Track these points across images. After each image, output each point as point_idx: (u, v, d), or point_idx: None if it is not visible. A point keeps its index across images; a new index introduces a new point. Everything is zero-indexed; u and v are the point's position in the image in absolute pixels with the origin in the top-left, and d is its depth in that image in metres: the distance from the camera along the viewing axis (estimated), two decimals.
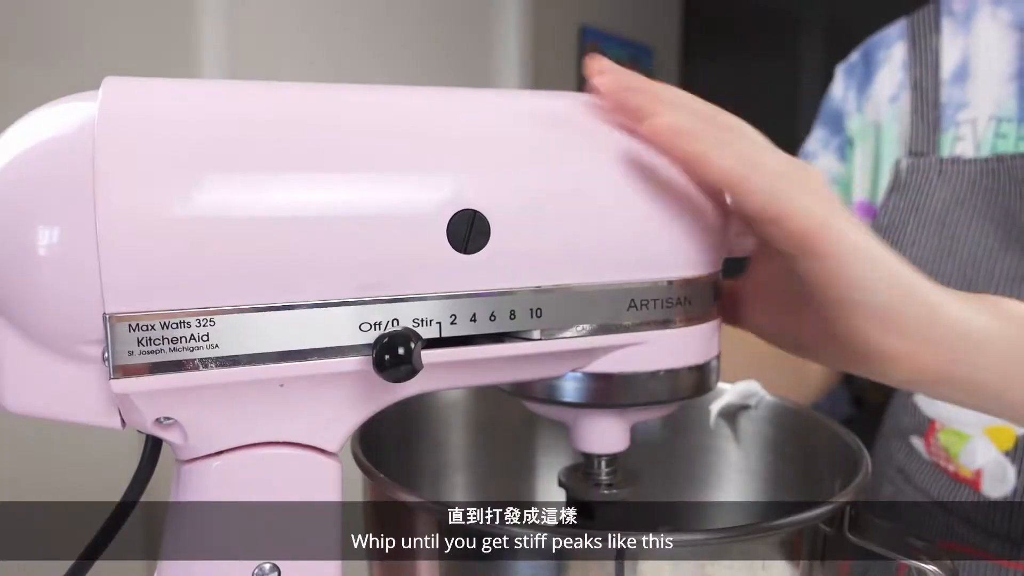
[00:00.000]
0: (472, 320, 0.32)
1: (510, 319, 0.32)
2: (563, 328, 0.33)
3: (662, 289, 0.34)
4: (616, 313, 0.34)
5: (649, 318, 0.34)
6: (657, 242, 0.34)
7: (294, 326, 0.30)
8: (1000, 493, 0.60)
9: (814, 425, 0.46)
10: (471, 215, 0.31)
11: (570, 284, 0.33)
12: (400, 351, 0.30)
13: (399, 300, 0.31)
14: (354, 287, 0.30)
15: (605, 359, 0.35)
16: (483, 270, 0.31)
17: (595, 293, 0.33)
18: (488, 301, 0.32)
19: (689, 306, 0.35)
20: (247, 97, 0.32)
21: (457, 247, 0.31)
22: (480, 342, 0.32)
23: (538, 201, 0.32)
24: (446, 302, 0.31)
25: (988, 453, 0.61)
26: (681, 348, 0.35)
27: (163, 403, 0.30)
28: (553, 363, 0.35)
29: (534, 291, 0.32)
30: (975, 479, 0.61)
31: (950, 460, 0.63)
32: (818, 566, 0.35)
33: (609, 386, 0.35)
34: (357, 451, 0.39)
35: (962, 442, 0.62)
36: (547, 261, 0.32)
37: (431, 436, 0.51)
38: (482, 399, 0.53)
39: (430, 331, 0.31)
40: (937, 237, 0.64)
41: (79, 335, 0.28)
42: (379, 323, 0.30)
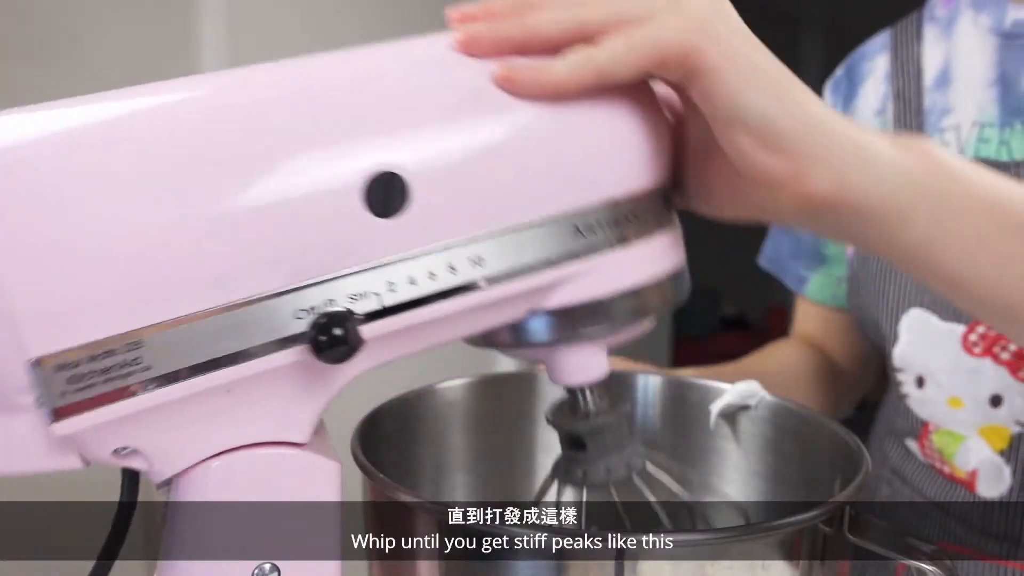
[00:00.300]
0: (412, 283, 0.30)
1: (451, 274, 0.31)
2: (509, 272, 0.31)
3: (605, 210, 0.32)
4: (561, 244, 0.32)
5: (598, 242, 0.32)
6: (587, 164, 0.32)
7: (227, 329, 0.29)
8: (996, 493, 0.60)
9: (814, 425, 0.46)
10: (385, 178, 0.29)
11: (505, 226, 0.31)
12: (335, 332, 0.29)
13: (331, 280, 0.30)
14: (282, 276, 0.29)
15: (563, 290, 0.33)
16: (411, 231, 0.30)
17: (535, 229, 0.32)
18: (423, 261, 0.30)
19: (639, 221, 0.33)
20: (134, 105, 0.30)
21: (378, 213, 0.29)
22: (426, 303, 0.31)
23: (452, 148, 0.31)
24: (380, 271, 0.30)
25: (982, 453, 0.61)
26: (640, 264, 0.34)
27: (112, 435, 0.29)
28: (508, 307, 0.33)
29: (469, 241, 0.31)
30: (970, 480, 0.61)
31: (944, 462, 0.63)
32: (818, 566, 0.35)
33: (574, 318, 0.34)
34: (357, 451, 0.39)
35: (956, 443, 0.62)
36: (475, 208, 0.31)
37: (431, 435, 0.51)
38: (482, 398, 0.53)
39: (370, 304, 0.30)
40: None
41: (9, 386, 0.28)
42: (314, 308, 0.29)
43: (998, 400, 0.60)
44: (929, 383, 0.63)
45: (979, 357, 0.60)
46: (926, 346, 0.63)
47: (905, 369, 0.65)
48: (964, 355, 0.60)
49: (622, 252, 0.33)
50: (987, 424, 0.61)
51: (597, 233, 0.32)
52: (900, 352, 0.64)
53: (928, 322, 0.62)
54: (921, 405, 0.64)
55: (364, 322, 0.30)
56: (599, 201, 0.32)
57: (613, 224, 0.33)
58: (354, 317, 0.30)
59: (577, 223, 0.32)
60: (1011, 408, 0.59)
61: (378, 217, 0.30)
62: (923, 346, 0.63)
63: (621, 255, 0.33)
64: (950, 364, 0.61)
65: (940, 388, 0.62)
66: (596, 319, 0.34)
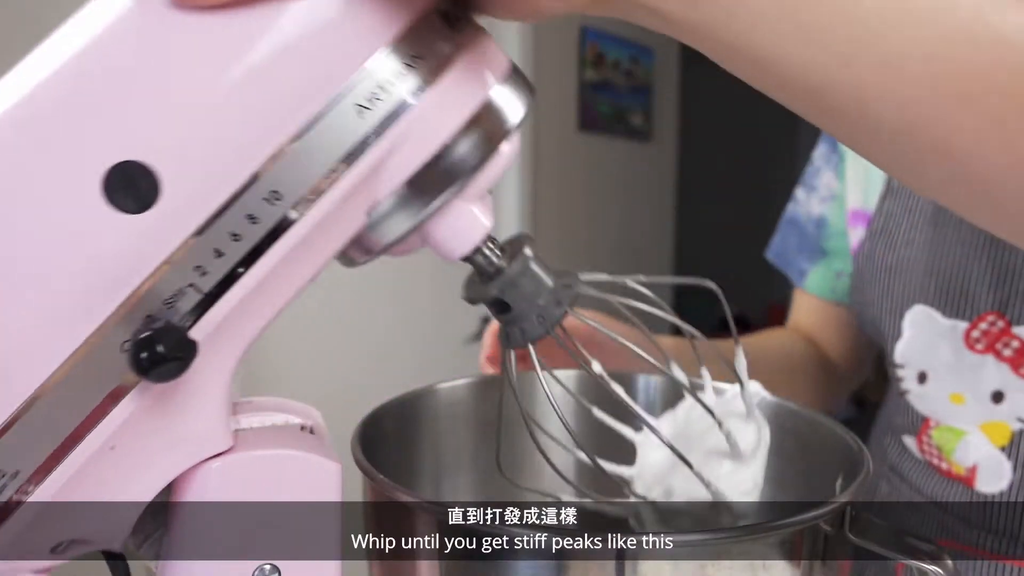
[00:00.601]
0: (219, 256, 0.28)
1: (254, 224, 0.28)
2: (312, 188, 0.28)
3: (373, 74, 0.28)
4: (350, 130, 0.28)
5: (389, 106, 0.29)
6: (322, 43, 0.28)
7: (60, 402, 0.27)
8: (996, 488, 0.60)
9: (814, 425, 0.46)
10: (120, 172, 0.26)
11: (277, 149, 0.28)
12: (157, 351, 0.26)
13: (135, 298, 0.27)
14: (86, 319, 0.27)
15: (389, 171, 0.30)
16: (183, 207, 0.27)
17: (310, 134, 0.28)
18: (217, 228, 0.28)
19: (425, 60, 0.29)
20: None
21: (133, 209, 0.27)
22: (249, 265, 0.28)
23: (175, 105, 0.27)
24: (179, 264, 0.28)
25: (982, 449, 0.61)
26: (454, 97, 0.30)
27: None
28: (344, 218, 0.30)
29: (250, 185, 0.28)
30: (969, 476, 0.61)
31: (942, 458, 0.63)
32: (818, 566, 0.35)
33: (419, 190, 0.30)
34: (357, 452, 0.39)
35: (956, 439, 0.62)
36: (236, 152, 0.28)
37: (431, 436, 0.51)
38: (482, 398, 0.53)
39: (193, 297, 0.28)
40: (930, 237, 0.64)
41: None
42: (135, 331, 0.27)
43: (1000, 396, 0.60)
44: (931, 379, 0.63)
45: (981, 354, 0.60)
46: (928, 342, 0.63)
47: (907, 365, 0.65)
48: (966, 351, 0.61)
49: (426, 100, 0.29)
50: (988, 420, 0.61)
51: (383, 98, 0.29)
52: (902, 348, 0.64)
53: (931, 318, 0.62)
54: (922, 401, 0.64)
55: (195, 319, 0.28)
56: (360, 69, 0.28)
57: (394, 81, 0.29)
58: (174, 325, 0.27)
59: (355, 101, 0.28)
60: (1012, 404, 0.59)
61: (138, 213, 0.27)
62: (925, 342, 0.63)
63: (426, 104, 0.29)
64: (952, 360, 0.61)
65: (942, 384, 0.62)
66: (442, 178, 0.30)
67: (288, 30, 0.28)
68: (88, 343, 0.27)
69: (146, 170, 0.27)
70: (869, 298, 0.68)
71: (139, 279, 0.27)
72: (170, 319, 0.28)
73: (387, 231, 0.31)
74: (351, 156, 0.29)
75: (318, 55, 0.28)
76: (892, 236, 0.67)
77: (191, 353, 0.27)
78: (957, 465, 0.62)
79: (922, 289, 0.63)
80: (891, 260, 0.66)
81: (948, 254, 0.62)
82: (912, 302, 0.64)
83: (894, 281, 0.65)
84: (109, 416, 0.28)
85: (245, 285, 0.29)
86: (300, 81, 0.28)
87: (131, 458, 0.30)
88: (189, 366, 0.27)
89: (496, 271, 0.35)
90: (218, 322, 0.29)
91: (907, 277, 0.65)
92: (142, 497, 0.30)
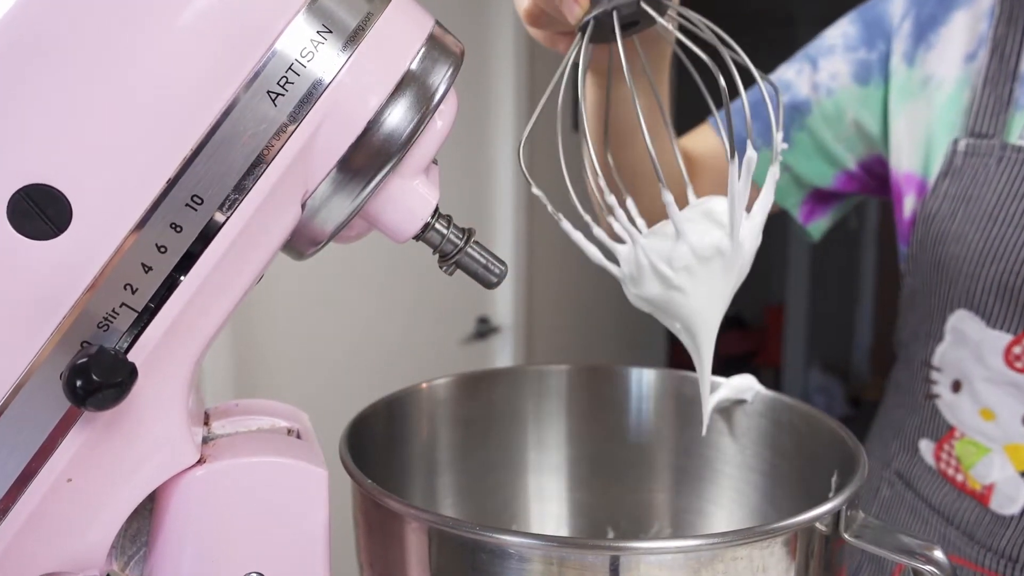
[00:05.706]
0: (148, 270, 0.27)
1: (179, 233, 0.27)
2: (235, 186, 0.27)
3: (279, 58, 0.27)
4: (266, 120, 0.27)
5: (303, 88, 0.27)
6: (210, 38, 0.26)
7: (5, 439, 0.27)
8: (1008, 511, 0.57)
9: (810, 420, 0.46)
10: (24, 197, 0.25)
11: (192, 154, 0.26)
12: (93, 377, 0.25)
13: (66, 324, 0.26)
14: (20, 352, 0.26)
15: (317, 159, 0.28)
16: (99, 224, 0.26)
17: (225, 129, 0.26)
18: (140, 242, 0.26)
19: (337, 27, 0.27)
20: None
21: (46, 234, 0.26)
22: (182, 273, 0.27)
23: (73, 118, 0.26)
24: (106, 284, 0.26)
25: (1004, 470, 0.58)
26: (379, 64, 0.28)
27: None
28: (279, 210, 0.29)
29: (167, 193, 0.26)
30: (984, 494, 0.59)
31: (960, 471, 0.60)
32: (815, 566, 0.35)
33: (354, 174, 0.29)
34: (345, 456, 0.38)
35: (980, 455, 0.59)
36: (146, 158, 0.26)
37: (419, 435, 0.50)
38: (469, 396, 0.52)
39: (128, 316, 0.27)
40: (984, 236, 0.57)
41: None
42: (70, 362, 0.26)
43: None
44: (965, 389, 0.60)
45: (1020, 372, 0.56)
46: (968, 351, 0.59)
47: (943, 370, 0.61)
48: (1005, 368, 0.57)
49: (343, 76, 0.27)
50: (1014, 442, 0.58)
51: (294, 81, 0.27)
52: (942, 351, 0.61)
53: (974, 326, 0.58)
54: (951, 410, 0.61)
55: (134, 339, 0.27)
56: (268, 48, 0.27)
57: (305, 59, 0.27)
58: (106, 349, 0.26)
59: (266, 87, 0.27)
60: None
61: (52, 237, 0.26)
62: (965, 350, 0.59)
63: (344, 80, 0.27)
64: (989, 374, 0.57)
65: (975, 397, 0.59)
66: (375, 156, 0.29)
67: (186, 10, 0.26)
68: (28, 375, 0.26)
69: (52, 192, 0.25)
70: (917, 287, 0.63)
71: (67, 305, 0.26)
72: (106, 342, 0.27)
73: (327, 219, 0.29)
74: (271, 148, 0.27)
75: (222, 34, 0.26)
76: (944, 226, 0.59)
77: (130, 376, 0.26)
78: (974, 481, 0.59)
79: (968, 293, 0.58)
80: (940, 255, 0.60)
81: (1002, 257, 0.56)
82: (957, 305, 0.59)
83: (941, 279, 0.60)
84: (59, 449, 0.27)
85: (182, 296, 0.27)
86: (204, 71, 0.26)
87: (92, 487, 0.29)
88: (129, 390, 0.26)
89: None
90: (160, 337, 0.28)
91: (954, 277, 0.59)
92: (110, 525, 0.30)
